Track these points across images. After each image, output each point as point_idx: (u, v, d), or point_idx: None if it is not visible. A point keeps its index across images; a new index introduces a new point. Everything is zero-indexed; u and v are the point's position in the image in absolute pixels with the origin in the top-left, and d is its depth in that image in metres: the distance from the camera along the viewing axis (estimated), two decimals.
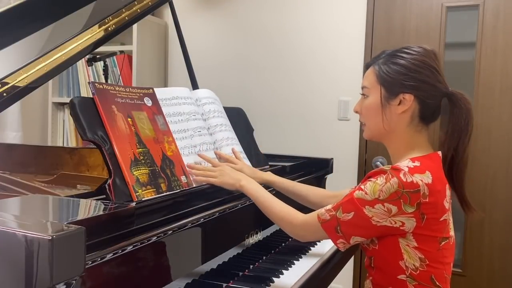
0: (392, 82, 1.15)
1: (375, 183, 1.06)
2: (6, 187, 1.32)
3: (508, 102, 2.41)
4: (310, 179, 1.79)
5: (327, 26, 2.75)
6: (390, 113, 1.17)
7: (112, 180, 1.09)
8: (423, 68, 1.13)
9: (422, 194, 1.04)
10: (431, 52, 1.17)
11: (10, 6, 1.44)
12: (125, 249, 0.90)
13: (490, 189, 2.44)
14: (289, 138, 2.82)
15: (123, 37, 2.95)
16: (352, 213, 1.07)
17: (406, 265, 1.09)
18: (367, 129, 1.24)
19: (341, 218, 1.09)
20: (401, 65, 1.15)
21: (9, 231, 0.69)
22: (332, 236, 1.13)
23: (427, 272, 1.09)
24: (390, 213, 1.05)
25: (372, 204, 1.05)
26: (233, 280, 1.27)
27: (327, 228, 1.12)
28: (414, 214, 1.05)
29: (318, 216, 1.14)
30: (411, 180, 1.03)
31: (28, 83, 1.20)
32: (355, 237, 1.11)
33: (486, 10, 2.42)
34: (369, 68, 1.23)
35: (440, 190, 1.08)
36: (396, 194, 1.03)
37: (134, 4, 1.56)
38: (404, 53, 1.16)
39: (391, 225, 1.06)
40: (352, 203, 1.08)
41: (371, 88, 1.20)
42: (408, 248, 1.09)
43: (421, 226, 1.06)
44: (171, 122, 1.35)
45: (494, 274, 2.47)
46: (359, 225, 1.08)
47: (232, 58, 2.98)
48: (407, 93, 1.14)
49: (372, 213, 1.05)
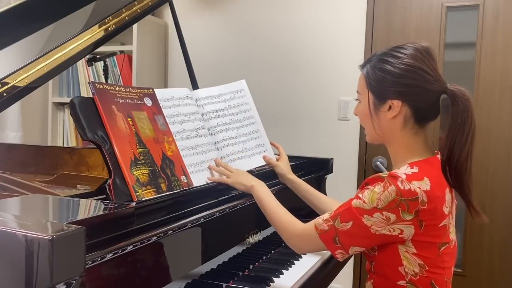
0: (379, 88, 1.14)
1: (373, 191, 1.05)
2: (6, 187, 1.32)
3: (508, 102, 2.41)
4: (310, 179, 1.78)
5: (327, 26, 2.75)
6: (380, 118, 1.16)
7: (112, 180, 1.09)
8: (410, 72, 1.10)
9: (420, 202, 1.02)
10: (422, 50, 1.12)
11: (10, 6, 1.44)
12: (125, 249, 0.90)
13: (490, 189, 2.44)
14: (289, 138, 2.82)
15: (123, 37, 2.95)
16: (351, 222, 1.06)
17: (406, 271, 1.08)
18: (366, 133, 1.24)
19: (339, 228, 1.08)
20: (387, 71, 1.12)
21: (9, 231, 0.69)
22: (330, 247, 1.11)
23: (427, 278, 1.08)
24: (388, 221, 1.03)
25: (371, 213, 1.04)
26: (233, 280, 1.27)
27: (325, 239, 1.10)
28: (412, 221, 1.03)
29: (315, 227, 1.12)
30: (409, 188, 1.02)
31: (28, 83, 1.20)
32: (354, 247, 1.09)
33: (486, 10, 2.42)
34: (361, 72, 1.21)
35: (439, 196, 1.06)
36: (394, 203, 1.02)
37: (134, 4, 1.56)
38: (391, 57, 1.13)
39: (389, 233, 1.05)
40: (350, 212, 1.06)
41: (362, 94, 1.20)
42: (407, 254, 1.08)
43: (419, 233, 1.05)
44: (171, 123, 1.35)
45: (494, 274, 2.47)
46: (358, 235, 1.07)
47: (232, 58, 2.98)
48: (394, 99, 1.12)
49: (371, 222, 1.04)
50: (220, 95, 1.61)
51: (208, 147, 1.43)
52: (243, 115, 1.64)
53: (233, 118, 1.60)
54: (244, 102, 1.66)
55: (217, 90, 1.62)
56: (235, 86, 1.68)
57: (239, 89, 1.68)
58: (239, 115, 1.63)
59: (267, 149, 1.65)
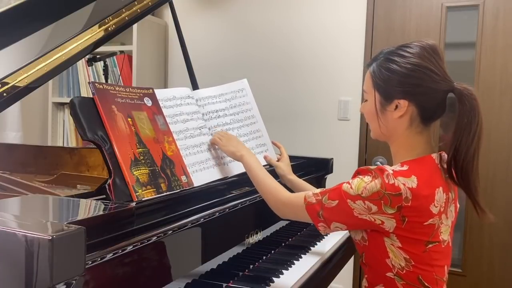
0: (385, 88, 1.14)
1: (362, 180, 1.07)
2: (6, 187, 1.32)
3: (508, 102, 2.41)
4: (310, 179, 1.78)
5: (327, 26, 2.75)
6: (387, 118, 1.16)
7: (112, 180, 1.09)
8: (416, 71, 1.09)
9: (404, 198, 1.03)
10: (429, 49, 1.12)
11: (10, 6, 1.44)
12: (125, 249, 0.90)
13: (490, 190, 2.44)
14: (289, 138, 2.82)
15: (123, 37, 2.95)
16: (336, 201, 1.09)
17: (393, 263, 1.10)
18: (371, 131, 1.25)
19: (325, 204, 1.11)
20: (393, 71, 1.11)
21: (9, 231, 0.69)
22: (314, 219, 1.15)
23: (413, 273, 1.09)
24: (370, 211, 1.06)
25: (354, 199, 1.07)
26: (233, 280, 1.27)
27: (310, 211, 1.14)
28: (394, 215, 1.05)
29: (304, 198, 1.16)
30: (393, 182, 1.03)
31: (28, 83, 1.20)
32: (336, 223, 1.12)
33: (486, 10, 2.42)
34: (368, 70, 1.21)
35: (426, 195, 1.05)
36: (378, 194, 1.04)
37: (134, 4, 1.56)
38: (398, 56, 1.12)
39: (371, 221, 1.07)
40: (338, 193, 1.10)
41: (368, 93, 1.20)
42: (393, 247, 1.09)
43: (402, 228, 1.06)
44: (173, 122, 1.35)
45: (494, 274, 2.47)
46: (341, 213, 1.10)
47: (232, 58, 2.98)
48: (401, 99, 1.12)
49: (354, 206, 1.07)
50: (221, 95, 1.61)
51: (209, 147, 1.44)
52: (244, 114, 1.64)
53: (234, 118, 1.60)
54: (245, 101, 1.67)
55: (218, 90, 1.62)
56: (236, 85, 1.68)
57: (240, 89, 1.68)
58: (240, 115, 1.63)
59: (269, 149, 1.65)
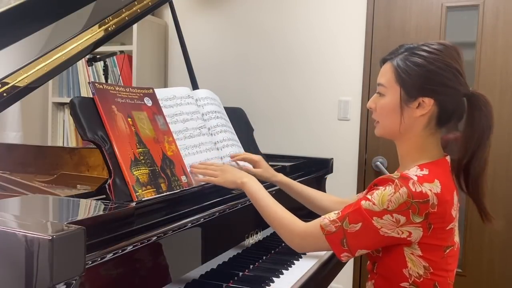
0: (412, 84, 1.08)
1: (383, 192, 1.02)
2: (6, 187, 1.32)
3: (508, 102, 2.41)
4: (310, 179, 1.78)
5: (327, 26, 2.74)
6: (407, 116, 1.10)
7: (112, 180, 1.09)
8: (445, 70, 1.06)
9: (431, 205, 1.01)
10: (453, 50, 1.09)
11: (10, 6, 1.44)
12: (125, 249, 0.90)
13: (490, 189, 2.43)
14: (289, 138, 2.82)
15: (123, 37, 2.95)
16: (360, 223, 1.03)
17: (410, 273, 1.07)
18: (380, 128, 1.18)
19: (348, 229, 1.04)
20: (422, 66, 1.07)
21: (9, 231, 0.69)
22: (336, 249, 1.07)
23: (431, 280, 1.07)
24: (398, 224, 1.02)
25: (381, 215, 1.01)
26: (233, 280, 1.27)
27: (332, 241, 1.07)
28: (421, 224, 1.02)
29: (321, 227, 1.08)
30: (421, 190, 1.00)
31: (28, 83, 1.20)
32: (361, 250, 1.07)
33: (486, 10, 2.42)
34: (386, 64, 1.14)
35: (449, 200, 1.04)
36: (406, 205, 1.00)
37: (134, 4, 1.56)
38: (425, 52, 1.08)
39: (398, 236, 1.03)
40: (360, 213, 1.03)
41: (388, 88, 1.13)
42: (413, 256, 1.06)
43: (427, 236, 1.04)
44: (171, 122, 1.35)
45: (494, 274, 2.47)
46: (366, 237, 1.04)
47: (232, 58, 2.98)
48: (426, 97, 1.08)
49: (381, 224, 1.02)
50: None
51: (210, 146, 1.44)
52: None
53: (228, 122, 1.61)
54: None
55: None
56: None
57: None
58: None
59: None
